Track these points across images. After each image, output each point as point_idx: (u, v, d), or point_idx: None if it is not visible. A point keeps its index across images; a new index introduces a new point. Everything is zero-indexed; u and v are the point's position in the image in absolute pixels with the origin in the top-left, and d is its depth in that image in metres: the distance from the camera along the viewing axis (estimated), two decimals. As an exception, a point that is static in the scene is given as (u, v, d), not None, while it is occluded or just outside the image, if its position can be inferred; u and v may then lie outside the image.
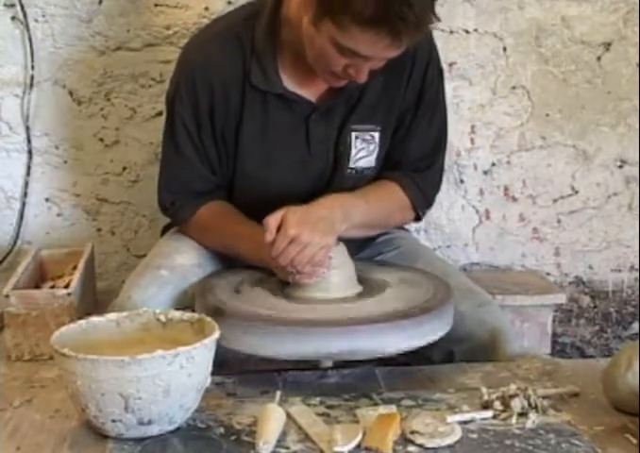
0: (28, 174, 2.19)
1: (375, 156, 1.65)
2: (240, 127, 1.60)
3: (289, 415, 1.25)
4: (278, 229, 1.40)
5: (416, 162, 1.68)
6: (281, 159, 1.62)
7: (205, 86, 1.58)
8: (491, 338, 1.54)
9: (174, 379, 1.18)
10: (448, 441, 1.18)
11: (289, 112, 1.60)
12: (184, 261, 1.61)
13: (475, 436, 1.21)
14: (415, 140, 1.67)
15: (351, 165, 1.64)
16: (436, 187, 1.75)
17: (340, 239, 1.49)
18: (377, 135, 1.63)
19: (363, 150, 1.63)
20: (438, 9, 2.21)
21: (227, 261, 1.67)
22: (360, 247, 1.73)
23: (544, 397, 1.30)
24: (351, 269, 1.50)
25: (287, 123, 1.60)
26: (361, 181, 1.65)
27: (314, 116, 1.60)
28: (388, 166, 1.69)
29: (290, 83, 1.59)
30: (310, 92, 1.60)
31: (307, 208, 1.45)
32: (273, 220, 1.40)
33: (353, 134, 1.62)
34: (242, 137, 1.61)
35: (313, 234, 1.39)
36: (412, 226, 2.25)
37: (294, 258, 1.41)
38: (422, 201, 1.70)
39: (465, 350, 1.54)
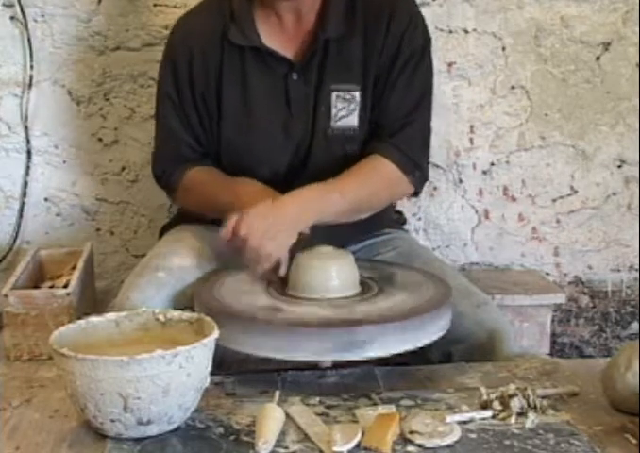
0: (27, 173, 2.19)
1: (356, 115, 1.64)
2: (220, 92, 1.64)
3: (288, 415, 1.25)
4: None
5: (394, 123, 1.65)
6: (262, 121, 1.64)
7: (184, 53, 1.65)
8: (489, 339, 1.54)
9: (173, 379, 1.18)
10: (448, 441, 1.18)
11: (267, 72, 1.63)
12: (182, 263, 1.61)
13: (474, 436, 1.21)
14: (393, 98, 1.64)
15: (332, 125, 1.63)
16: (421, 148, 1.68)
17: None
18: (357, 94, 1.63)
19: (344, 109, 1.63)
20: (437, 10, 2.21)
21: (226, 262, 1.67)
22: (357, 241, 1.75)
23: (543, 397, 1.30)
24: (354, 273, 1.50)
25: (266, 83, 1.63)
26: (346, 144, 1.65)
27: (293, 75, 1.62)
28: (370, 132, 1.66)
29: (267, 40, 1.62)
30: (287, 51, 1.63)
31: (268, 214, 1.47)
32: (233, 220, 1.46)
33: (333, 94, 1.62)
34: (223, 102, 1.64)
35: (261, 245, 1.45)
36: (412, 226, 2.26)
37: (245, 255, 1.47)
38: (409, 165, 1.63)
39: (463, 351, 1.54)
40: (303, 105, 1.64)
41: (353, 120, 1.64)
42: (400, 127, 1.64)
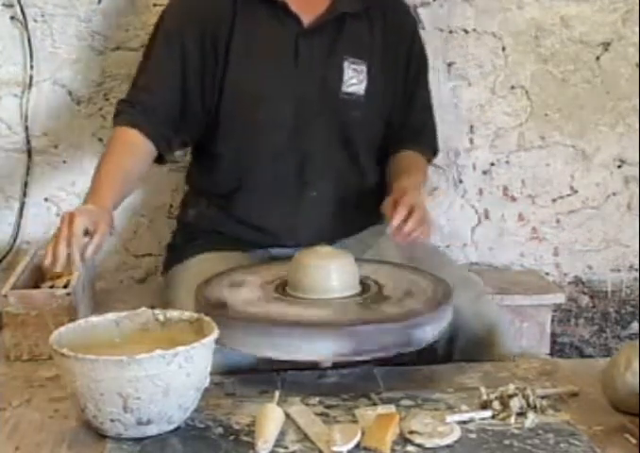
0: (28, 173, 2.19)
1: (364, 86, 1.73)
2: (231, 38, 1.67)
3: (288, 415, 1.25)
4: None
5: (421, 121, 1.89)
6: (268, 70, 1.69)
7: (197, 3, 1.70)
8: (487, 332, 1.55)
9: (173, 379, 1.18)
10: (447, 441, 1.18)
11: (279, 27, 1.69)
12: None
13: (474, 436, 1.21)
14: (417, 101, 1.87)
15: (343, 89, 1.72)
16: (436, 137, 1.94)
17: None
18: (364, 68, 1.74)
19: (354, 78, 1.73)
20: (437, 10, 2.21)
21: (225, 264, 1.67)
22: (357, 231, 1.80)
23: (542, 397, 1.30)
24: (354, 273, 1.50)
25: (276, 38, 1.69)
26: (352, 110, 1.73)
27: (305, 37, 1.69)
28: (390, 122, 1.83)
29: None
30: (300, 12, 1.69)
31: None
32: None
33: (345, 62, 1.73)
34: (231, 47, 1.67)
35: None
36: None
37: None
38: (433, 155, 1.95)
39: (462, 345, 1.55)
40: (311, 66, 1.70)
41: (361, 89, 1.74)
42: (425, 124, 1.90)
